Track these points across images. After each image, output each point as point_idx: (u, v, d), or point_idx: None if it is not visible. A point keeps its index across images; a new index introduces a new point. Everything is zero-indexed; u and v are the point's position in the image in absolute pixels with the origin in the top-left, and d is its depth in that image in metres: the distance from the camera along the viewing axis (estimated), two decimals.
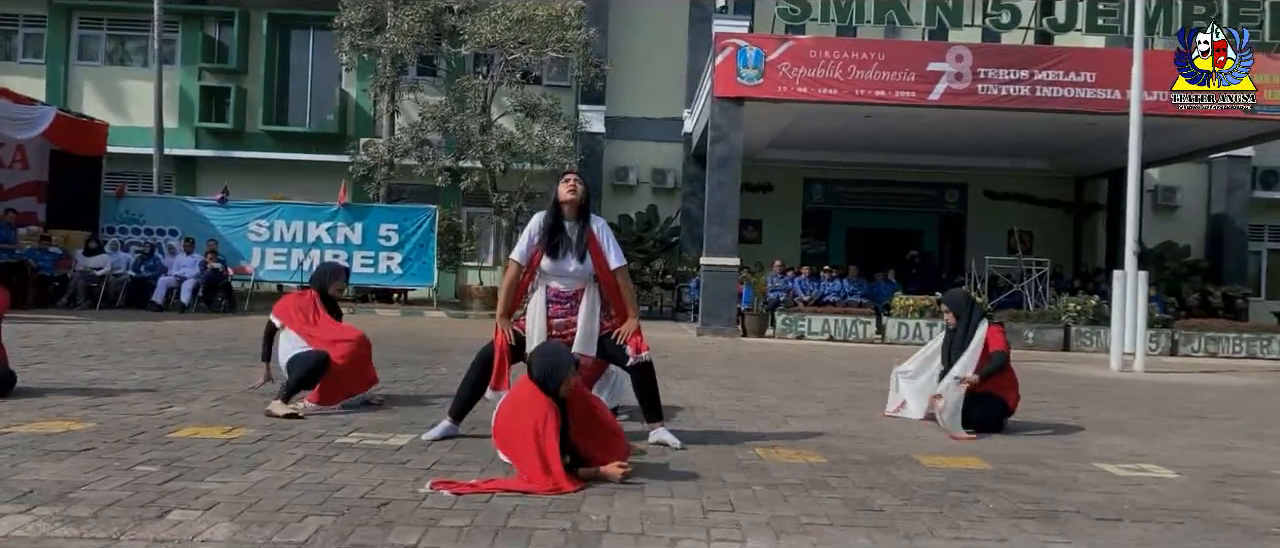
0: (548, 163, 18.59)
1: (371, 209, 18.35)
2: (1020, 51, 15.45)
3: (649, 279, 20.22)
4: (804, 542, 3.39)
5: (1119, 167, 20.57)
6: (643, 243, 20.84)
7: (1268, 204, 21.85)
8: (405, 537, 3.26)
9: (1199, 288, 19.73)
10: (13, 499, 3.54)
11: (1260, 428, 6.95)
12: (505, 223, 19.45)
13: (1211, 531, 3.77)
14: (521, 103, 18.71)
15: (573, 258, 5.02)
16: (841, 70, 14.72)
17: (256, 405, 5.96)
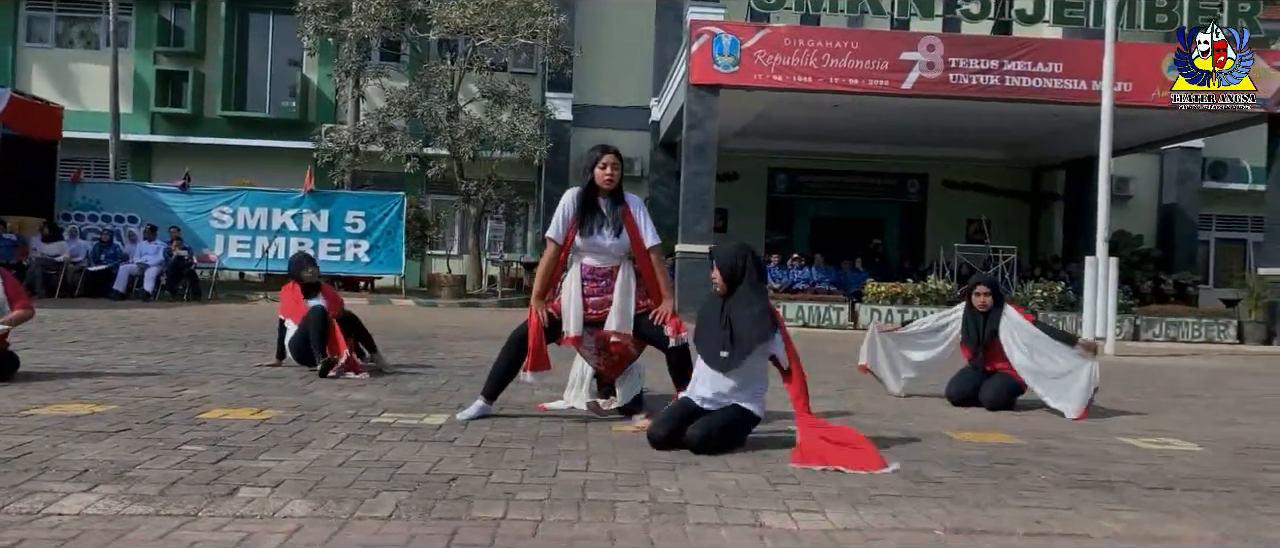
0: (517, 150, 18.49)
1: (338, 196, 18.07)
2: (990, 42, 15.71)
3: None
4: (882, 512, 3.41)
5: (1075, 157, 21.17)
6: None
7: (1216, 194, 22.49)
8: (490, 510, 3.22)
9: (1152, 275, 20.24)
10: (70, 478, 3.42)
11: (1253, 405, 7.17)
12: (473, 211, 19.29)
13: (1261, 498, 3.88)
14: (490, 89, 18.56)
15: (608, 232, 4.98)
16: (816, 59, 14.83)
17: (273, 388, 5.86)
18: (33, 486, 3.31)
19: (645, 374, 5.30)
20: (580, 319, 4.93)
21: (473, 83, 19.12)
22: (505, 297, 18.64)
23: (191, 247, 16.68)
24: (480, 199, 18.90)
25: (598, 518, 3.19)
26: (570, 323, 4.93)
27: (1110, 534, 3.25)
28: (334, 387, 6.04)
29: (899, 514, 3.39)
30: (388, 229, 17.75)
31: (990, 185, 22.69)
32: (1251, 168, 22.53)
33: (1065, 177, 22.18)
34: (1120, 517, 3.47)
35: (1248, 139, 20.76)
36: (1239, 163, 22.35)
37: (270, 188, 18.17)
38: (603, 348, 5.02)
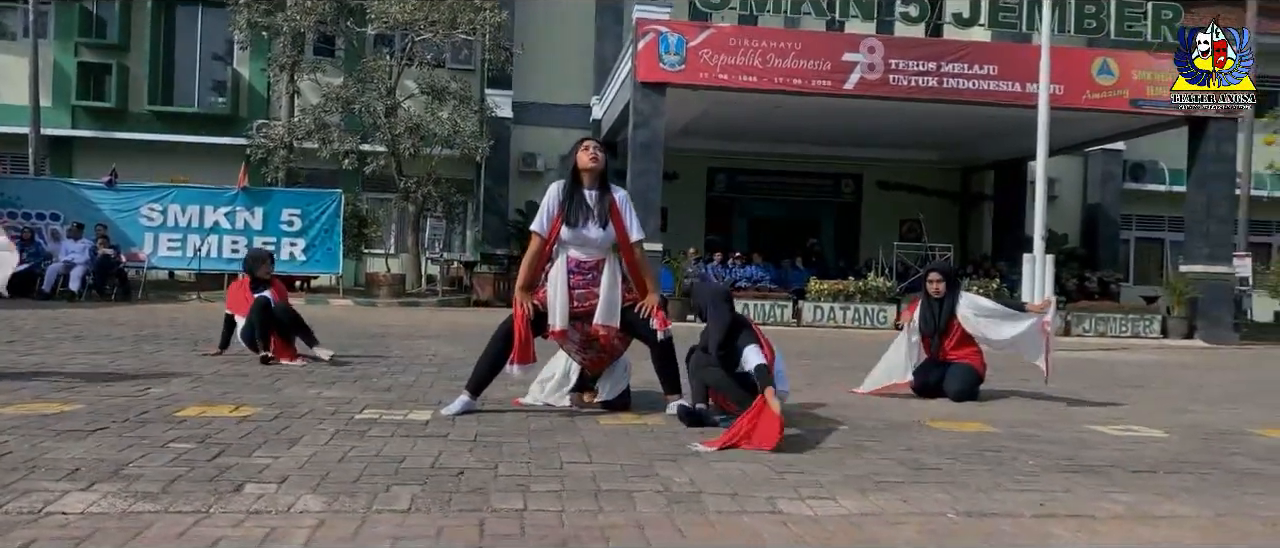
0: (457, 147, 18.30)
1: (274, 193, 17.64)
2: (928, 44, 16.05)
3: None
4: (891, 498, 3.46)
5: (1004, 159, 21.76)
6: None
7: (1135, 195, 23.32)
8: (509, 501, 3.19)
9: (1077, 273, 20.90)
10: (63, 476, 3.29)
11: (1198, 395, 7.46)
12: (412, 209, 19.03)
13: (1239, 479, 4.04)
14: (429, 85, 18.33)
15: (594, 225, 4.97)
16: (761, 58, 14.98)
17: (241, 385, 5.71)
18: (26, 485, 3.17)
19: (630, 370, 5.28)
20: (566, 312, 4.90)
21: (410, 79, 18.86)
22: (446, 296, 18.43)
23: (119, 245, 16.14)
24: (419, 197, 18.64)
25: (618, 508, 3.17)
26: (556, 316, 4.90)
27: (1112, 515, 3.36)
28: (305, 384, 5.90)
29: (909, 499, 3.45)
30: (325, 227, 17.40)
31: (922, 186, 23.17)
32: (1169, 170, 23.43)
33: (994, 177, 22.78)
34: (1116, 499, 3.58)
35: (1165, 142, 21.62)
36: (1157, 165, 23.23)
37: (202, 185, 17.65)
38: (589, 342, 5.00)
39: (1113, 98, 15.80)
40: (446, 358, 7.98)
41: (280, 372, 6.48)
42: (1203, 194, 16.35)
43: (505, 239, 20.77)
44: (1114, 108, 15.91)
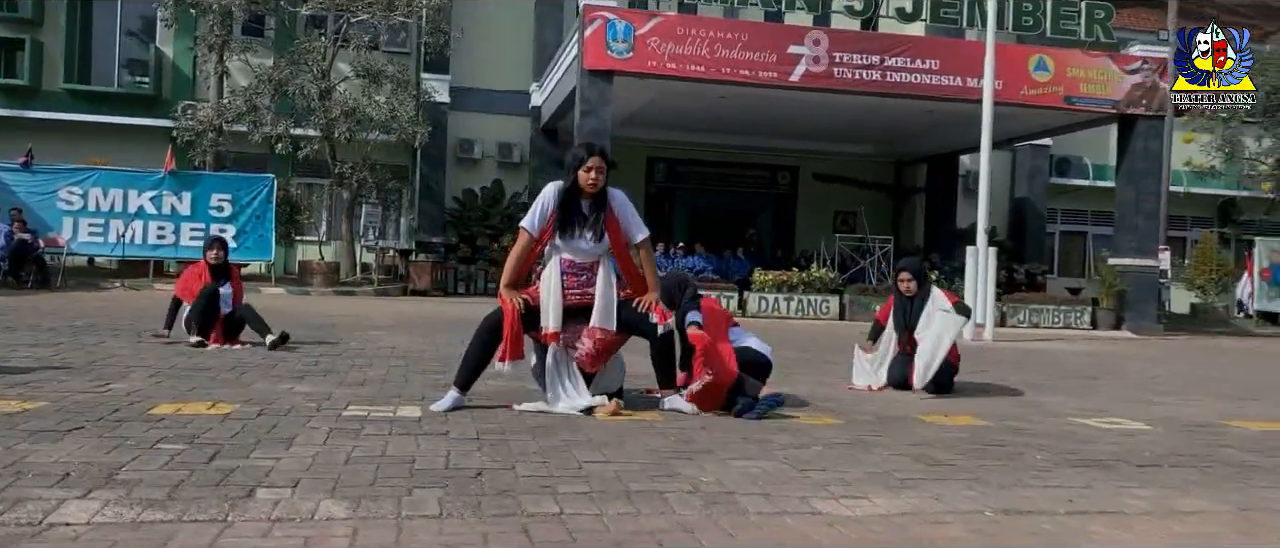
0: (395, 132, 17.88)
1: (203, 177, 17.00)
2: (871, 38, 16.19)
3: (497, 256, 19.81)
4: (923, 496, 3.42)
5: (936, 152, 22.15)
6: (489, 219, 20.39)
7: (1061, 189, 23.98)
8: (542, 504, 3.05)
9: (1005, 265, 21.40)
10: (55, 483, 3.04)
11: (1153, 386, 7.65)
12: (346, 195, 18.54)
13: (1240, 472, 4.10)
14: (366, 68, 17.85)
15: (589, 237, 4.83)
16: (708, 48, 14.93)
17: (205, 380, 5.44)
18: (15, 492, 2.91)
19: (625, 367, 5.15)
20: (560, 314, 4.75)
21: (344, 62, 18.34)
22: (382, 285, 18.01)
23: (36, 230, 15.38)
24: (354, 182, 18.17)
25: (656, 510, 3.06)
26: (550, 317, 4.75)
27: (1140, 511, 3.36)
28: (272, 378, 5.65)
29: (940, 497, 3.41)
30: (257, 213, 16.84)
31: (856, 178, 23.44)
32: (1092, 165, 24.17)
33: (927, 170, 23.16)
34: (1137, 494, 3.59)
35: (1089, 138, 22.27)
36: (1082, 160, 23.92)
37: (126, 168, 16.91)
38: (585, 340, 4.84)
39: (1048, 94, 16.17)
40: (407, 350, 7.75)
41: (244, 364, 6.20)
42: (1131, 189, 16.84)
43: (441, 227, 20.40)
44: (1049, 104, 16.28)
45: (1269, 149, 20.48)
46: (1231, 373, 9.44)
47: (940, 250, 21.37)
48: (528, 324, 4.82)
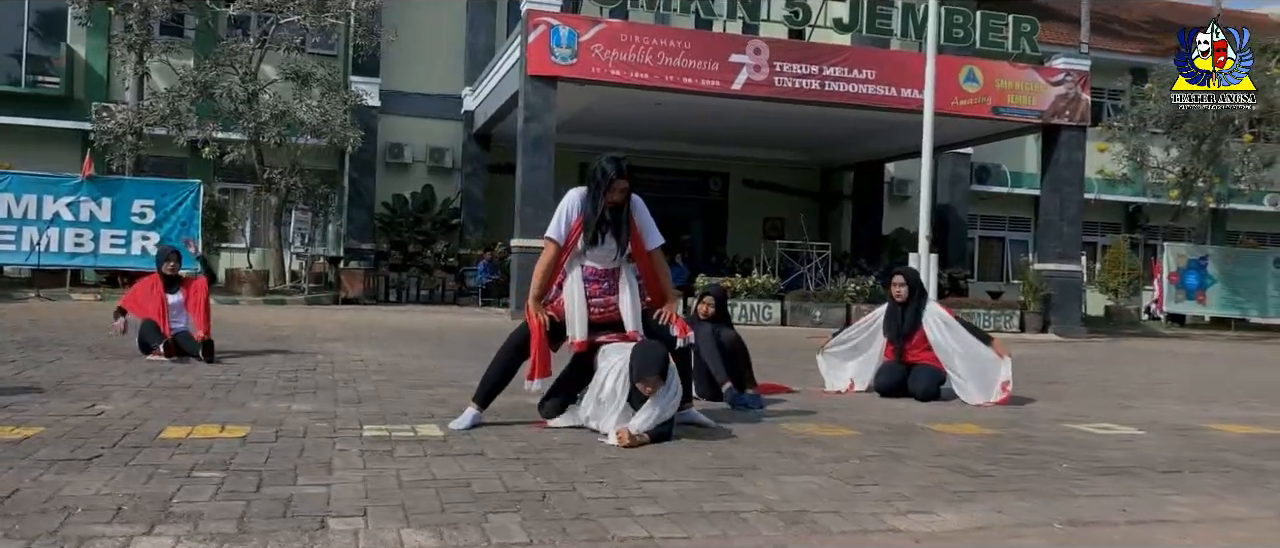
0: (326, 137, 17.43)
1: (124, 182, 16.29)
2: (810, 48, 16.43)
3: (429, 262, 19.50)
4: (983, 509, 3.45)
5: (863, 160, 22.62)
6: (420, 225, 20.06)
7: (981, 196, 24.72)
8: (625, 528, 2.98)
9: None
10: (112, 518, 2.84)
11: (1114, 388, 7.93)
12: (274, 200, 17.99)
13: (1256, 477, 4.26)
14: (295, 71, 17.35)
15: (613, 242, 4.77)
16: (652, 56, 14.96)
17: (192, 399, 5.19)
18: (76, 530, 2.72)
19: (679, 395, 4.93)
20: (586, 323, 4.67)
21: (270, 64, 17.81)
22: (313, 294, 17.53)
23: None
24: (283, 188, 17.64)
25: (742, 532, 3.02)
26: (576, 327, 4.66)
27: (1192, 518, 3.45)
28: (260, 397, 5.42)
29: (1002, 510, 3.45)
30: (182, 220, 16.20)
31: (785, 185, 23.81)
32: (1010, 173, 24.99)
33: (853, 178, 23.62)
34: (1177, 501, 3.69)
35: (1007, 147, 23.04)
36: (1000, 168, 24.71)
37: (37, 172, 16.09)
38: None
39: (977, 105, 16.66)
40: (380, 364, 7.54)
41: (223, 381, 5.94)
42: (1056, 197, 17.46)
43: (371, 234, 19.98)
44: (978, 114, 16.78)
45: (1176, 159, 21.43)
46: (1174, 376, 9.83)
47: (867, 256, 21.84)
48: (555, 340, 4.74)
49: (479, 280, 18.99)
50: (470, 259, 19.46)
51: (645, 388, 4.32)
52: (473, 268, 19.29)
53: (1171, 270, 20.96)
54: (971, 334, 6.66)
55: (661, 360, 4.36)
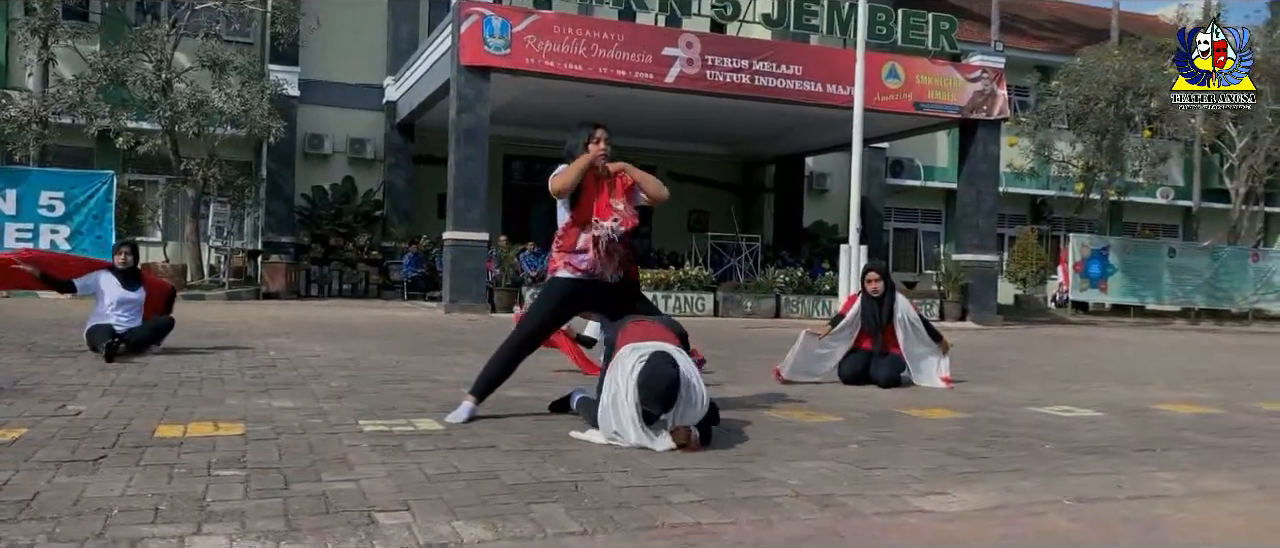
0: (245, 127, 16.94)
1: (30, 173, 15.54)
2: (741, 43, 16.62)
3: (352, 256, 19.14)
4: (994, 488, 3.59)
5: (784, 154, 23.01)
6: (341, 217, 19.66)
7: (895, 190, 25.39)
8: (674, 515, 3.02)
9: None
10: (154, 519, 2.75)
11: (1053, 373, 8.29)
12: (191, 192, 17.41)
13: (1224, 453, 4.52)
14: (212, 58, 16.80)
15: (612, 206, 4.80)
16: (586, 48, 14.95)
17: (166, 396, 5.03)
18: (124, 532, 2.63)
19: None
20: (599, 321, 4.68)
21: (184, 51, 17.21)
22: (233, 288, 17.03)
23: None
24: (200, 179, 17.08)
25: (784, 516, 3.08)
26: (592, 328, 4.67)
27: (1183, 494, 3.66)
28: (239, 394, 5.27)
29: (1011, 488, 3.60)
30: (94, 213, 15.55)
31: (708, 178, 24.05)
32: (923, 167, 25.72)
33: (775, 171, 24.00)
34: (1163, 478, 3.90)
35: (920, 142, 23.71)
36: (913, 162, 25.41)
37: None
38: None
39: (899, 100, 17.11)
40: (338, 359, 7.40)
41: (193, 380, 5.76)
42: (972, 190, 18.06)
43: (291, 226, 19.49)
44: (900, 109, 17.23)
45: (1080, 153, 22.40)
46: (1102, 361, 10.30)
47: (789, 248, 22.24)
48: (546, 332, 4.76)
49: (404, 274, 18.72)
50: (395, 252, 19.18)
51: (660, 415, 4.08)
52: (397, 261, 19.00)
53: (1077, 260, 21.91)
54: (927, 329, 6.95)
55: (666, 393, 3.99)
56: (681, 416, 4.05)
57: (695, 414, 4.08)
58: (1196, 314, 22.81)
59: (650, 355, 4.08)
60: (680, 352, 4.19)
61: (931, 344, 6.90)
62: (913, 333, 6.82)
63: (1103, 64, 21.01)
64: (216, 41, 17.07)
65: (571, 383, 5.58)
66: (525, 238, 19.51)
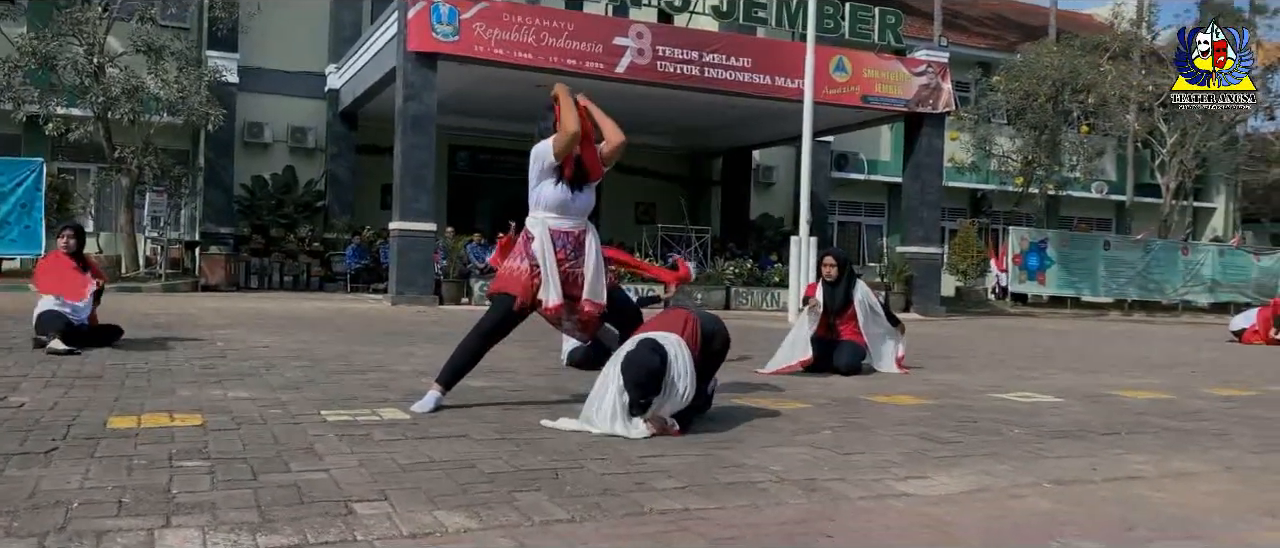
0: (183, 114, 16.46)
1: None
2: (691, 34, 16.59)
3: (293, 247, 18.74)
4: (972, 472, 3.59)
5: (731, 147, 23.07)
6: (282, 208, 19.23)
7: (840, 183, 25.61)
8: (662, 502, 2.95)
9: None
10: (118, 512, 2.61)
11: (1007, 361, 8.40)
12: (125, 181, 16.86)
13: (1185, 437, 4.60)
14: (147, 43, 16.28)
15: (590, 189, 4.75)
16: (536, 36, 14.79)
17: (114, 389, 4.83)
18: (88, 525, 2.48)
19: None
20: (560, 286, 4.59)
21: (117, 36, 16.66)
22: (170, 280, 16.55)
23: None
24: (135, 168, 16.55)
25: (771, 502, 3.03)
26: (550, 291, 4.57)
27: (1157, 475, 3.69)
28: (192, 384, 5.09)
29: (989, 472, 3.60)
30: (22, 202, 15.00)
31: (656, 170, 23.99)
32: (866, 160, 25.99)
33: (722, 164, 24.05)
34: (1134, 460, 3.95)
35: (864, 136, 23.96)
36: (857, 156, 25.65)
37: None
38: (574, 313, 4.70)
39: (847, 94, 17.22)
40: (290, 350, 7.20)
41: (140, 371, 5.54)
42: (917, 183, 18.27)
43: (230, 217, 19.00)
44: (848, 103, 17.35)
45: (1020, 148, 22.81)
46: (1051, 349, 10.48)
47: (736, 240, 22.31)
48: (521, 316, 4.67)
49: (348, 266, 18.37)
50: (337, 244, 18.81)
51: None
52: (340, 253, 18.64)
53: (1016, 253, 22.30)
54: (885, 314, 7.01)
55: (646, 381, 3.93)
56: (659, 405, 3.99)
57: (673, 406, 4.04)
58: (1129, 306, 23.40)
59: (639, 342, 4.06)
60: (680, 342, 4.12)
61: (889, 327, 6.99)
62: (871, 316, 6.88)
63: (1042, 61, 21.40)
64: (152, 26, 16.52)
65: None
66: (471, 229, 19.30)
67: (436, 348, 7.64)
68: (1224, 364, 9.15)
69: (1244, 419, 5.25)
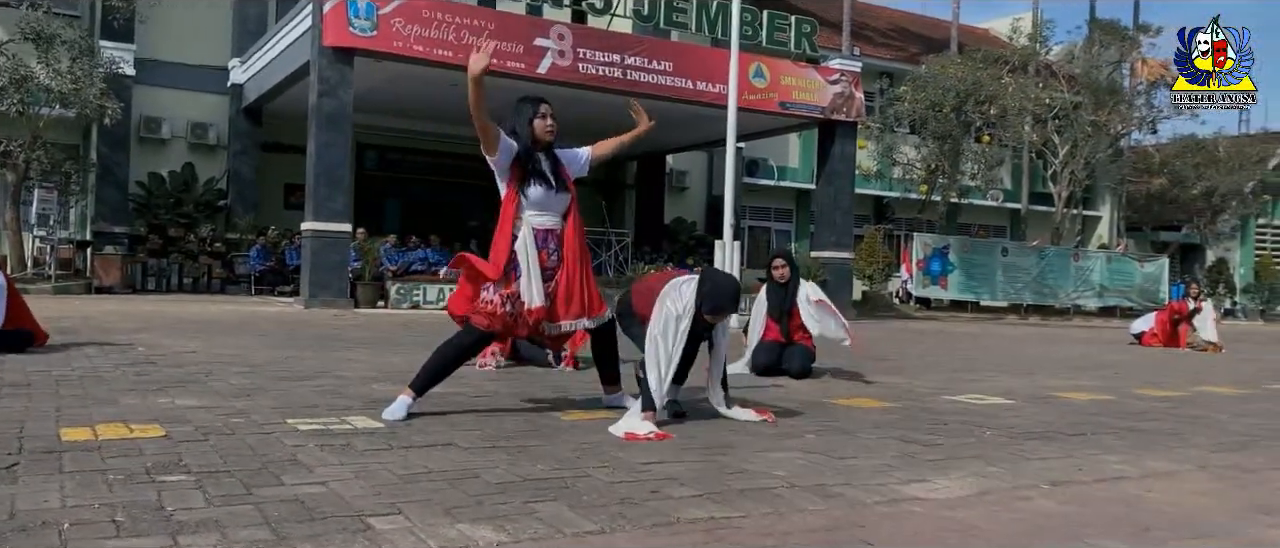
0: (76, 107, 15.62)
1: None
2: (612, 37, 16.51)
3: (193, 248, 17.96)
4: (968, 474, 3.61)
5: (646, 152, 23.09)
6: (181, 206, 18.43)
7: (750, 189, 25.91)
8: (686, 510, 2.87)
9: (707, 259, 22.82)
10: (119, 532, 2.39)
11: (944, 363, 8.57)
12: (11, 177, 15.90)
13: (1151, 437, 4.73)
14: (36, 31, 15.39)
15: (554, 190, 4.60)
16: (456, 34, 14.51)
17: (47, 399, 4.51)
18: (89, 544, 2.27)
19: None
20: (542, 288, 4.45)
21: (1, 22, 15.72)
22: (61, 282, 15.67)
23: None
24: (23, 163, 15.62)
25: (793, 508, 2.98)
26: (533, 294, 4.44)
27: (1141, 474, 3.78)
28: (133, 392, 4.77)
29: (984, 474, 3.63)
30: None
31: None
32: (776, 167, 26.37)
33: (637, 168, 24.06)
34: (1109, 460, 4.04)
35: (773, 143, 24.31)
36: (767, 162, 26.01)
37: None
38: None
39: (766, 100, 17.43)
40: (223, 356, 6.85)
41: (69, 379, 5.18)
42: (830, 189, 18.60)
43: (126, 216, 18.10)
44: (766, 109, 17.56)
45: (924, 157, 23.46)
46: (975, 353, 10.75)
47: (650, 243, 22.35)
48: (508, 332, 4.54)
49: (252, 267, 17.71)
50: (240, 244, 18.11)
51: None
52: (243, 254, 17.96)
53: (920, 258, 22.93)
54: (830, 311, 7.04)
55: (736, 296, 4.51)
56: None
57: None
58: (1026, 310, 24.30)
59: (704, 272, 4.56)
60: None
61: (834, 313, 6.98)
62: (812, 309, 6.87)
63: (947, 72, 22.05)
64: (41, 14, 15.61)
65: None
66: (381, 230, 18.82)
67: (373, 354, 7.40)
68: (1138, 366, 9.52)
69: (1187, 419, 5.44)
